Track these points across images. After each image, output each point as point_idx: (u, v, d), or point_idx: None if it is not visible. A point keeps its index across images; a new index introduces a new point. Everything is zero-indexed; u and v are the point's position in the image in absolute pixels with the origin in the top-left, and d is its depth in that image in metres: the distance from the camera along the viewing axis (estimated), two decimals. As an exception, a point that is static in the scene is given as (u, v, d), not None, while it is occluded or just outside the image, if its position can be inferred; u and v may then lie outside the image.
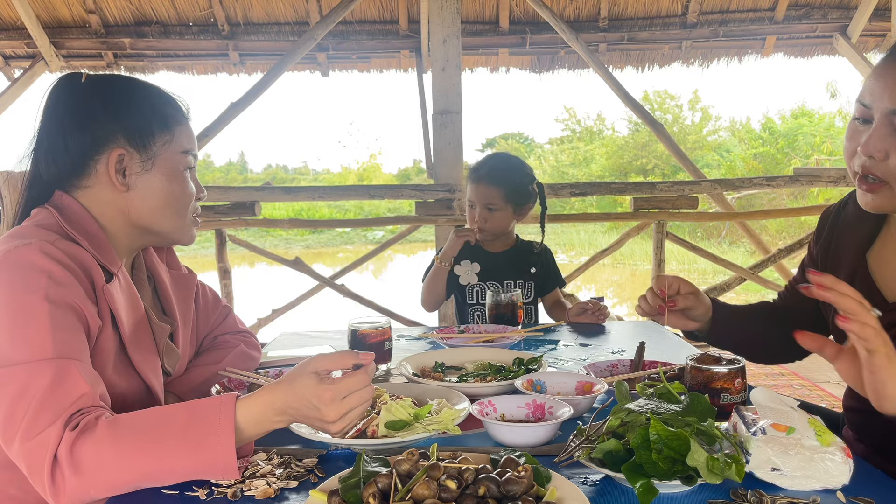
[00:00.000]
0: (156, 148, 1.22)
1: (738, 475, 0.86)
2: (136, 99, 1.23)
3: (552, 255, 2.48)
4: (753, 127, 17.43)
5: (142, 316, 1.23)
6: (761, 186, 5.29)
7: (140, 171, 1.21)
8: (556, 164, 20.03)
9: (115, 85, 1.24)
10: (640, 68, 6.29)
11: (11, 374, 0.98)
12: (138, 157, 1.21)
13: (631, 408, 0.99)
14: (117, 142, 1.19)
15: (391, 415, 1.10)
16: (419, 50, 5.86)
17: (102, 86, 1.22)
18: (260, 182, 20.53)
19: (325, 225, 8.72)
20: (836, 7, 5.75)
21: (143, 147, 1.21)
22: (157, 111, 1.23)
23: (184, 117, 1.28)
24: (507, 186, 2.29)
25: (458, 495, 0.79)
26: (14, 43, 5.66)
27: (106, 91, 1.22)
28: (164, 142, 1.23)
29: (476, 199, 2.31)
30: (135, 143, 1.20)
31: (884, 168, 1.06)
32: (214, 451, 0.94)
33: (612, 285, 10.93)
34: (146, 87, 1.26)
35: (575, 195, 4.60)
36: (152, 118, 1.22)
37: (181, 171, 1.25)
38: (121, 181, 1.20)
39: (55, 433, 0.94)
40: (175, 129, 1.25)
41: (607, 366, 1.46)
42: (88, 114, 1.19)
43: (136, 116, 1.21)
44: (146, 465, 0.94)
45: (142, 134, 1.21)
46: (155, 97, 1.25)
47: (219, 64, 6.03)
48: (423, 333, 1.96)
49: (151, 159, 1.22)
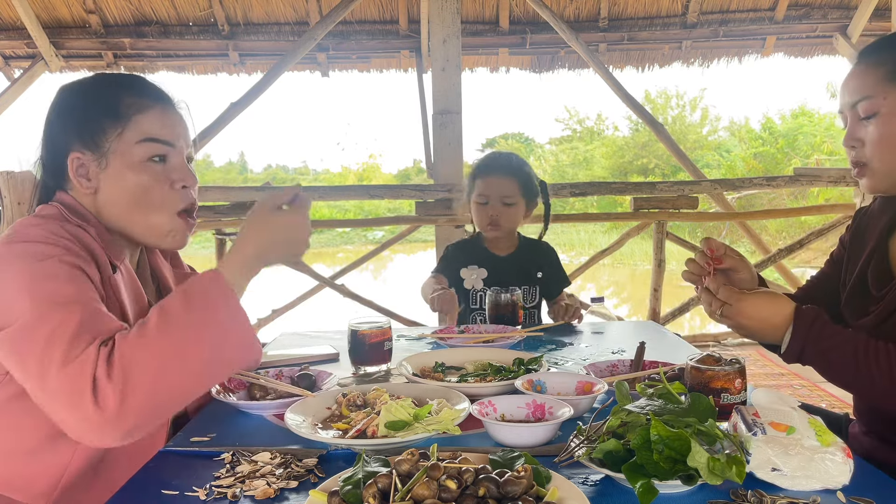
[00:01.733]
0: (107, 143, 1.16)
1: (739, 476, 0.86)
2: (88, 97, 1.19)
3: (557, 256, 2.42)
4: (753, 127, 17.42)
5: (145, 309, 1.22)
6: (761, 186, 5.29)
7: (98, 170, 1.17)
8: (556, 164, 20.02)
9: (76, 85, 1.22)
10: (641, 68, 6.29)
11: (43, 317, 0.99)
12: (92, 156, 1.16)
13: (631, 408, 0.99)
14: (73, 144, 1.17)
15: (391, 415, 1.10)
16: (419, 50, 5.86)
17: (66, 90, 1.22)
18: (260, 182, 20.51)
19: (325, 225, 8.70)
20: (836, 7, 5.75)
21: (95, 145, 1.16)
22: (108, 105, 1.17)
23: (150, 103, 1.19)
24: (522, 179, 2.24)
25: (458, 495, 0.79)
26: (14, 43, 5.66)
27: (65, 95, 1.22)
28: (115, 134, 1.16)
29: (491, 194, 2.22)
30: (86, 143, 1.16)
31: (864, 154, 1.24)
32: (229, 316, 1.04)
33: (612, 285, 10.93)
34: (104, 82, 1.22)
35: (575, 195, 4.60)
36: (103, 114, 1.16)
37: (141, 163, 1.17)
38: (86, 184, 1.17)
39: (93, 352, 0.96)
40: (132, 116, 1.17)
41: (607, 366, 1.46)
42: (49, 120, 1.20)
43: (85, 113, 1.17)
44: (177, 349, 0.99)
45: (92, 132, 1.16)
46: (109, 90, 1.19)
47: (219, 64, 6.03)
48: (422, 333, 1.96)
49: (104, 156, 1.16)
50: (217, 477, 1.00)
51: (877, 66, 1.20)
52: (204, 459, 1.07)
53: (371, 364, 1.58)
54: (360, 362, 1.58)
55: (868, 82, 1.21)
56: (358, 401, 1.21)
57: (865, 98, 1.21)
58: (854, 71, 1.25)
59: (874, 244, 1.34)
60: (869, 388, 1.13)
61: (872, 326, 1.27)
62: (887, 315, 1.23)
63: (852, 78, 1.24)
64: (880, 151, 1.20)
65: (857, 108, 1.23)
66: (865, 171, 1.25)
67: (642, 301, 7.20)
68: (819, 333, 1.15)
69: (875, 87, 1.19)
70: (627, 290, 10.27)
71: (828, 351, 1.14)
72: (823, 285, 1.48)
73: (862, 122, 1.23)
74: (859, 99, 1.22)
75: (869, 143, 1.22)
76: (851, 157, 1.26)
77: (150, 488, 0.97)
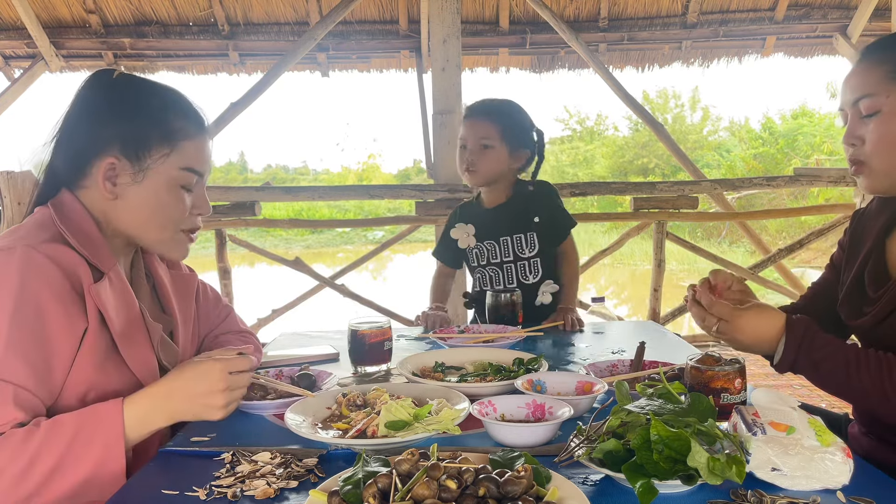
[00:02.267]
0: (150, 161, 1.17)
1: (739, 476, 0.86)
2: (144, 106, 1.18)
3: (556, 196, 2.25)
4: (753, 127, 17.43)
5: (136, 314, 1.22)
6: (761, 186, 5.29)
7: (130, 181, 1.17)
8: (556, 164, 20.02)
9: (131, 88, 1.19)
10: (640, 68, 6.29)
11: None
12: (129, 168, 1.16)
13: (631, 408, 0.99)
14: (112, 148, 1.16)
15: (391, 415, 1.10)
16: (419, 50, 5.86)
17: (119, 87, 1.19)
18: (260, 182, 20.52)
19: (325, 225, 8.71)
20: (836, 7, 5.75)
21: (137, 158, 1.16)
22: (161, 121, 1.18)
23: (197, 131, 1.22)
24: (504, 123, 2.13)
25: (458, 495, 0.79)
26: (14, 43, 5.66)
27: (118, 93, 1.18)
28: (161, 155, 1.18)
29: (468, 136, 2.13)
30: (128, 153, 1.16)
31: (863, 152, 1.22)
32: (104, 452, 1.02)
33: (612, 285, 10.93)
34: (163, 94, 1.21)
35: (575, 195, 4.60)
36: (153, 128, 1.17)
37: (175, 187, 1.20)
38: (109, 189, 1.16)
39: None
40: (180, 143, 1.19)
41: (607, 366, 1.46)
42: (94, 114, 1.17)
43: (136, 124, 1.16)
44: (41, 472, 0.99)
45: (137, 144, 1.16)
46: (167, 106, 1.20)
47: (219, 64, 6.03)
48: (422, 333, 1.96)
49: (143, 171, 1.17)
50: (217, 477, 1.00)
51: (880, 63, 1.19)
52: (204, 459, 1.07)
53: (371, 364, 1.58)
54: (360, 362, 1.58)
55: (871, 80, 1.20)
56: (358, 401, 1.21)
57: (867, 96, 1.20)
58: (856, 68, 1.24)
59: (871, 245, 1.34)
60: (862, 397, 1.13)
61: (869, 328, 1.27)
62: (883, 317, 1.23)
63: (855, 75, 1.23)
64: (880, 150, 1.20)
65: (858, 106, 1.22)
66: (864, 170, 1.24)
67: (642, 301, 7.21)
68: (810, 344, 1.15)
69: (878, 85, 1.19)
70: (627, 290, 10.27)
71: (820, 361, 1.14)
72: (825, 291, 1.47)
73: (863, 121, 1.22)
74: (861, 96, 1.21)
75: (869, 142, 1.21)
76: (850, 155, 1.25)
77: (150, 488, 0.97)
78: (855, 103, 1.22)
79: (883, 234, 1.33)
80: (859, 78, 1.22)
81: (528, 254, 2.18)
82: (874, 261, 1.31)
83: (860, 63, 1.23)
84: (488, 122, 2.13)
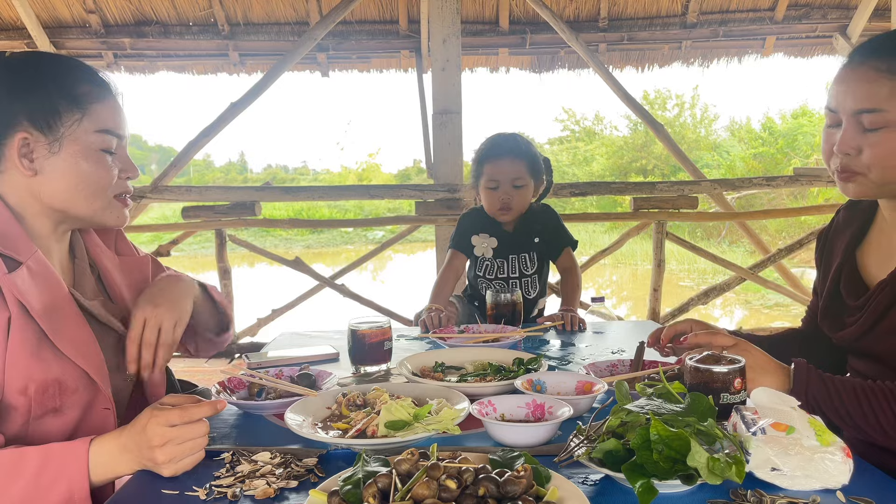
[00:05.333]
0: (63, 128, 1.15)
1: (739, 476, 0.86)
2: (42, 77, 1.15)
3: (556, 217, 2.41)
4: (753, 127, 17.43)
5: (64, 298, 1.17)
6: (761, 186, 5.29)
7: (47, 153, 1.15)
8: (556, 164, 19.92)
9: (25, 63, 1.17)
10: (640, 68, 6.29)
11: None
12: (44, 139, 1.14)
13: (631, 408, 0.99)
14: (21, 125, 1.13)
15: (391, 415, 1.10)
16: (419, 50, 5.86)
17: (13, 65, 1.16)
18: (260, 182, 20.53)
19: (325, 225, 8.71)
20: (835, 7, 5.75)
21: (49, 128, 1.14)
22: (64, 88, 1.15)
23: (106, 94, 1.20)
24: (529, 160, 2.25)
25: (457, 495, 0.79)
26: (14, 43, 5.65)
27: (11, 71, 1.15)
28: (73, 121, 1.15)
29: (501, 178, 2.23)
30: (39, 125, 1.14)
31: (858, 162, 1.19)
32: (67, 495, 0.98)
33: (611, 285, 10.93)
34: (57, 63, 1.19)
35: (575, 195, 4.60)
36: (59, 97, 1.15)
37: (95, 152, 1.18)
38: (27, 165, 1.14)
39: None
40: (89, 106, 1.17)
41: (607, 366, 1.46)
42: None
43: (40, 96, 1.14)
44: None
45: (46, 115, 1.14)
46: (65, 73, 1.17)
47: (219, 64, 6.03)
48: (422, 333, 1.96)
49: (58, 140, 1.15)
50: (217, 477, 1.00)
51: (888, 74, 1.13)
52: (204, 459, 1.07)
53: (371, 364, 1.58)
54: (360, 362, 1.58)
55: (880, 93, 1.13)
56: (358, 401, 1.22)
57: (876, 111, 1.14)
58: (860, 74, 1.16)
59: (842, 257, 1.34)
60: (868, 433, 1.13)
61: (854, 339, 1.27)
62: (868, 326, 1.23)
63: (860, 82, 1.16)
64: (884, 165, 1.16)
65: (859, 117, 1.16)
66: (857, 179, 1.20)
67: (642, 301, 7.21)
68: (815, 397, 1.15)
69: (887, 100, 1.13)
70: (627, 290, 10.27)
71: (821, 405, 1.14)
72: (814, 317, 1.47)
73: (865, 133, 1.16)
74: (867, 109, 1.15)
75: (871, 155, 1.16)
76: (842, 163, 1.20)
77: (150, 488, 0.97)
78: (857, 113, 1.16)
79: (853, 246, 1.33)
80: (866, 87, 1.15)
81: (530, 271, 2.33)
82: (847, 272, 1.32)
83: (863, 67, 1.16)
84: (518, 162, 2.24)
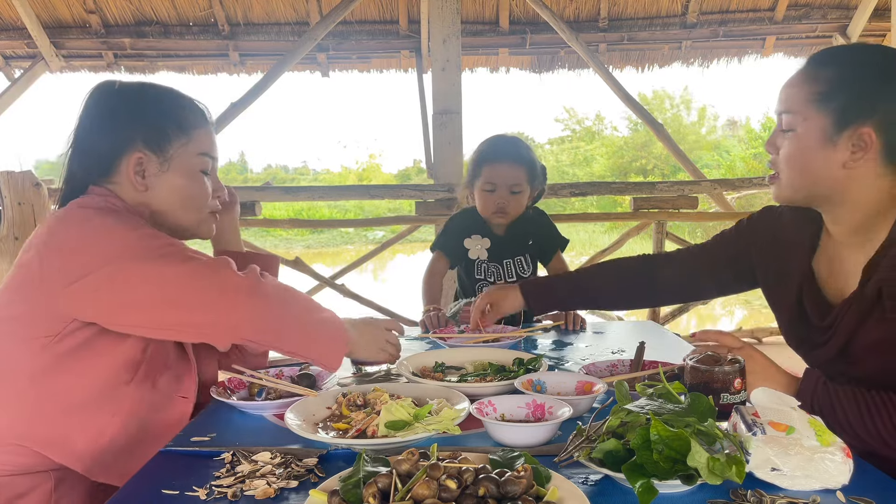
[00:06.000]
0: (172, 150, 1.30)
1: (739, 476, 0.86)
2: (155, 104, 1.32)
3: (548, 218, 2.42)
4: (753, 127, 17.43)
5: None
6: (761, 186, 5.29)
7: (157, 171, 1.30)
8: (556, 164, 20.03)
9: (139, 91, 1.33)
10: (640, 68, 6.29)
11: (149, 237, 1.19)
12: (155, 159, 1.29)
13: (631, 408, 0.99)
14: (136, 145, 1.27)
15: (391, 415, 1.10)
16: (419, 50, 5.86)
17: (128, 93, 1.32)
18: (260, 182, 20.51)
19: (325, 225, 8.72)
20: (835, 7, 5.75)
21: (160, 150, 1.29)
22: (173, 115, 1.31)
23: (203, 121, 1.37)
24: (528, 165, 2.24)
25: (458, 495, 0.79)
26: (14, 43, 5.66)
27: (129, 98, 1.31)
28: (180, 144, 1.31)
29: (499, 182, 2.20)
30: (152, 147, 1.29)
31: (775, 161, 1.26)
32: None
33: (612, 285, 10.90)
34: (166, 93, 1.35)
35: (575, 195, 4.61)
36: (169, 122, 1.30)
37: (196, 172, 1.34)
38: (140, 182, 1.28)
39: None
40: (192, 132, 1.33)
41: (607, 366, 1.46)
42: (111, 118, 1.29)
43: (154, 121, 1.29)
44: None
45: (158, 138, 1.29)
46: (173, 102, 1.34)
47: (219, 64, 6.03)
48: (422, 333, 1.96)
49: (168, 161, 1.30)
50: (217, 477, 1.00)
51: (811, 82, 1.19)
52: (204, 459, 1.07)
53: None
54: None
55: (796, 97, 1.21)
56: (358, 401, 1.21)
57: (789, 112, 1.21)
58: (794, 78, 1.24)
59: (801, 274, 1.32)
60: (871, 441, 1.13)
61: (830, 360, 1.26)
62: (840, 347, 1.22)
63: (789, 85, 1.24)
64: (789, 166, 1.23)
65: (781, 117, 1.24)
66: (774, 180, 1.27)
67: (642, 301, 7.17)
68: None
69: (800, 104, 1.20)
70: (627, 290, 10.24)
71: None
72: (689, 259, 1.60)
73: (782, 133, 1.24)
74: (784, 110, 1.23)
75: (782, 155, 1.24)
76: (769, 162, 1.29)
77: (150, 488, 0.97)
78: (779, 114, 1.24)
79: (808, 259, 1.33)
80: (790, 90, 1.23)
81: (527, 274, 2.33)
82: (808, 289, 1.31)
83: (798, 73, 1.23)
84: (517, 167, 2.22)
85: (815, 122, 1.18)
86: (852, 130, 1.15)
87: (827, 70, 1.19)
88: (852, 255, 1.25)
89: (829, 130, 1.17)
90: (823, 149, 1.18)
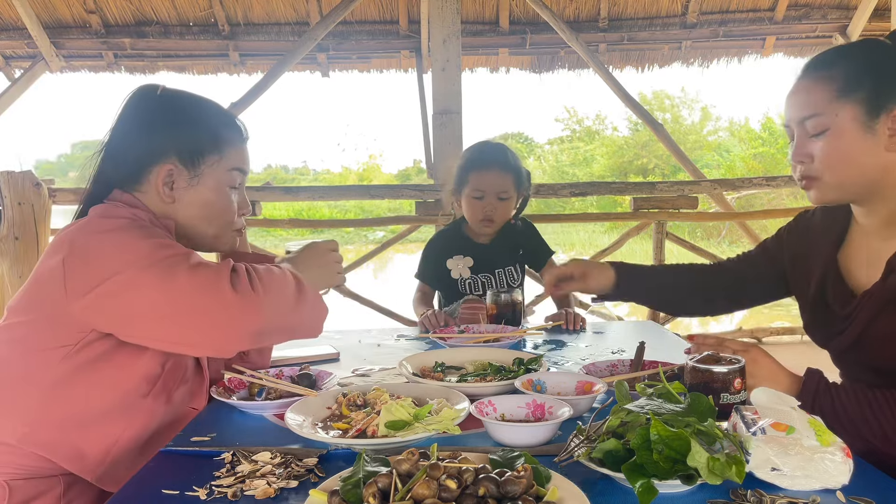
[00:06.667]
0: (203, 166, 1.30)
1: (739, 476, 0.86)
2: (193, 118, 1.31)
3: (535, 229, 2.43)
4: (753, 127, 17.44)
5: None
6: (761, 186, 5.29)
7: (186, 185, 1.29)
8: (556, 164, 20.03)
9: (179, 103, 1.32)
10: (640, 68, 6.29)
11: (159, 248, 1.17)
12: (186, 173, 1.29)
13: (631, 408, 0.99)
14: (169, 157, 1.27)
15: (391, 415, 1.10)
16: (419, 50, 5.86)
17: (168, 102, 1.31)
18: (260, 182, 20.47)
19: (325, 225, 8.71)
20: (835, 7, 5.75)
21: (192, 164, 1.29)
22: (210, 132, 1.31)
23: (239, 139, 1.36)
24: (515, 173, 2.24)
25: (458, 495, 0.79)
26: (14, 43, 5.66)
27: (169, 107, 1.30)
28: (213, 161, 1.31)
29: (486, 189, 2.21)
30: (185, 161, 1.28)
31: (812, 168, 1.25)
32: None
33: (612, 285, 10.90)
34: (207, 108, 1.34)
35: (575, 195, 4.60)
36: (205, 138, 1.30)
37: (225, 189, 1.33)
38: (167, 193, 1.28)
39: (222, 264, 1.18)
40: (226, 149, 1.33)
41: (607, 366, 1.46)
42: (149, 125, 1.29)
43: (190, 135, 1.29)
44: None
45: (192, 153, 1.29)
46: (212, 117, 1.33)
47: (219, 64, 6.03)
48: (422, 333, 1.96)
49: (198, 176, 1.30)
50: (217, 477, 1.00)
51: (826, 81, 1.21)
52: (204, 459, 1.07)
53: None
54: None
55: (818, 99, 1.21)
56: (358, 401, 1.22)
57: (815, 115, 1.22)
58: (802, 85, 1.25)
59: (825, 265, 1.35)
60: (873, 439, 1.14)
61: (847, 347, 1.28)
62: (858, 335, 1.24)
63: (800, 93, 1.25)
64: (832, 166, 1.22)
65: (805, 125, 1.24)
66: (814, 185, 1.26)
67: (642, 301, 7.17)
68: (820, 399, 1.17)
69: (826, 104, 1.20)
70: (627, 290, 10.24)
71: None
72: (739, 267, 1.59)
73: (811, 139, 1.24)
74: (808, 116, 1.23)
75: (820, 159, 1.23)
76: (800, 172, 1.27)
77: (150, 488, 0.97)
78: (801, 122, 1.24)
79: (834, 251, 1.35)
80: (806, 96, 1.24)
81: (517, 283, 2.33)
82: (832, 279, 1.33)
83: (804, 79, 1.25)
84: (505, 174, 2.22)
85: (847, 114, 1.19)
86: (886, 114, 1.17)
87: (840, 67, 1.21)
88: (881, 246, 1.27)
89: (864, 119, 1.19)
90: (864, 138, 1.19)
